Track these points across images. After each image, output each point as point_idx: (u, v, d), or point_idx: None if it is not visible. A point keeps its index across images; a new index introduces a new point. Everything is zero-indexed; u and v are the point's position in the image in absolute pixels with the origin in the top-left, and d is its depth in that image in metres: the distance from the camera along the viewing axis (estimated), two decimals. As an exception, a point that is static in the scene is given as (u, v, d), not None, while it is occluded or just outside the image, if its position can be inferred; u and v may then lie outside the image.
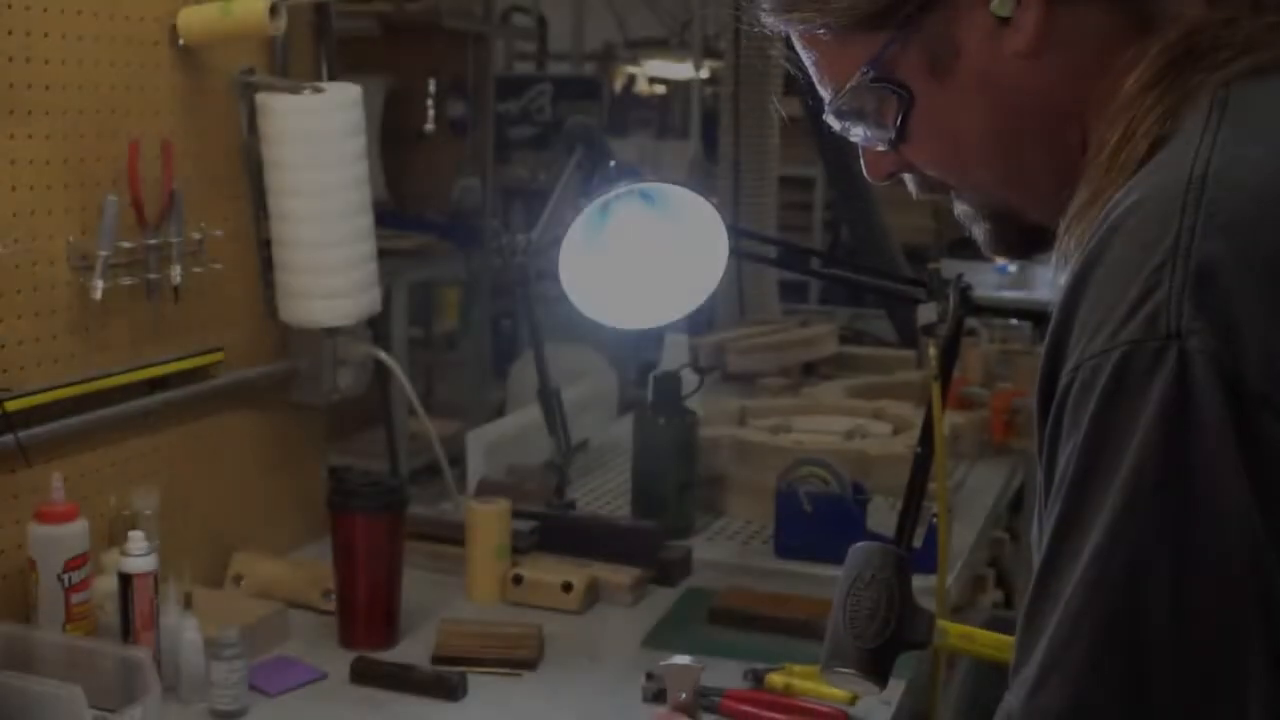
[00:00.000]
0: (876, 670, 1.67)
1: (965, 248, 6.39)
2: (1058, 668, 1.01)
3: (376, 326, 2.74)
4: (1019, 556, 4.81)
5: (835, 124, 1.33)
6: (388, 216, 2.52)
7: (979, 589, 4.09)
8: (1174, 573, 0.97)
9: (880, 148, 1.32)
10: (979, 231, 1.33)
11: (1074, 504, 1.02)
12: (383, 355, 2.69)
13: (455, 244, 6.63)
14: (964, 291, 2.41)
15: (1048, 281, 7.19)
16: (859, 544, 1.73)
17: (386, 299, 2.55)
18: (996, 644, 1.72)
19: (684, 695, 1.64)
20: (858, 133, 1.32)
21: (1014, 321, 5.21)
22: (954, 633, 1.70)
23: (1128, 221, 1.04)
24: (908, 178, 1.35)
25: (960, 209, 1.33)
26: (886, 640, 1.66)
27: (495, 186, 7.28)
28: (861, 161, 1.36)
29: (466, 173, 6.82)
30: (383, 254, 2.58)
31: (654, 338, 7.04)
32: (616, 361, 4.96)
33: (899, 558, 1.71)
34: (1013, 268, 8.26)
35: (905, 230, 5.60)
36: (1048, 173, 1.22)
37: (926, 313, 2.41)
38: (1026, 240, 1.31)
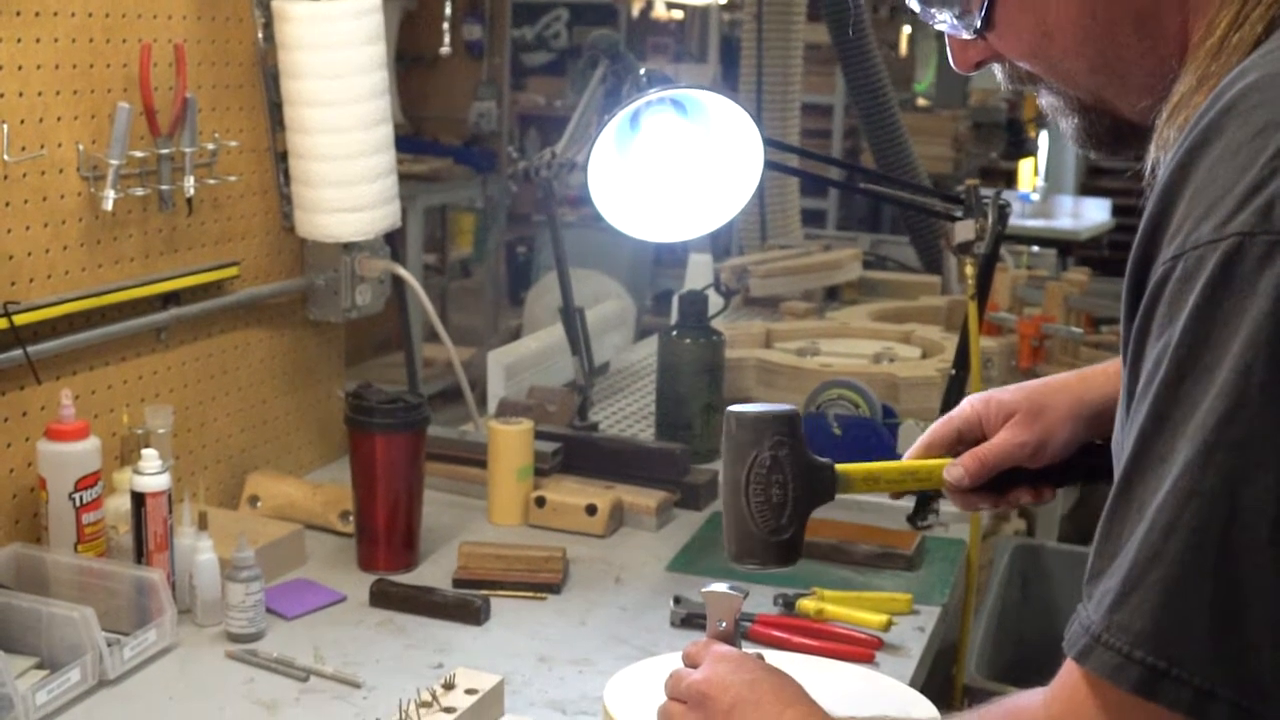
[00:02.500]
0: (793, 554, 1.56)
1: (984, 176, 6.37)
2: (1142, 584, 0.94)
3: (394, 246, 2.67)
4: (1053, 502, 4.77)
5: (918, 9, 1.25)
6: (403, 140, 2.45)
7: (1001, 518, 4.04)
8: (1278, 485, 0.90)
9: (966, 36, 1.24)
10: (1066, 125, 1.26)
11: (1166, 405, 0.95)
12: (401, 271, 2.62)
13: (471, 168, 6.58)
14: (1002, 209, 2.35)
15: (1068, 211, 7.13)
16: (737, 411, 1.55)
17: (401, 224, 2.47)
18: (899, 477, 1.62)
19: (723, 624, 1.56)
20: (943, 19, 1.25)
21: (1035, 248, 5.16)
22: (858, 480, 1.59)
23: (1242, 104, 0.96)
24: (996, 68, 1.27)
25: (1047, 101, 1.26)
26: (797, 520, 1.54)
27: (511, 113, 7.22)
28: (948, 51, 1.28)
29: (483, 96, 6.75)
30: (398, 178, 2.50)
31: (671, 264, 6.99)
32: (632, 290, 4.91)
33: (790, 419, 1.55)
34: (1035, 196, 8.20)
35: (926, 160, 5.52)
36: (1143, 61, 1.14)
37: (964, 231, 2.34)
38: (1117, 134, 1.23)
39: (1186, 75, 1.07)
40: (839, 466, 1.58)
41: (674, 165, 2.13)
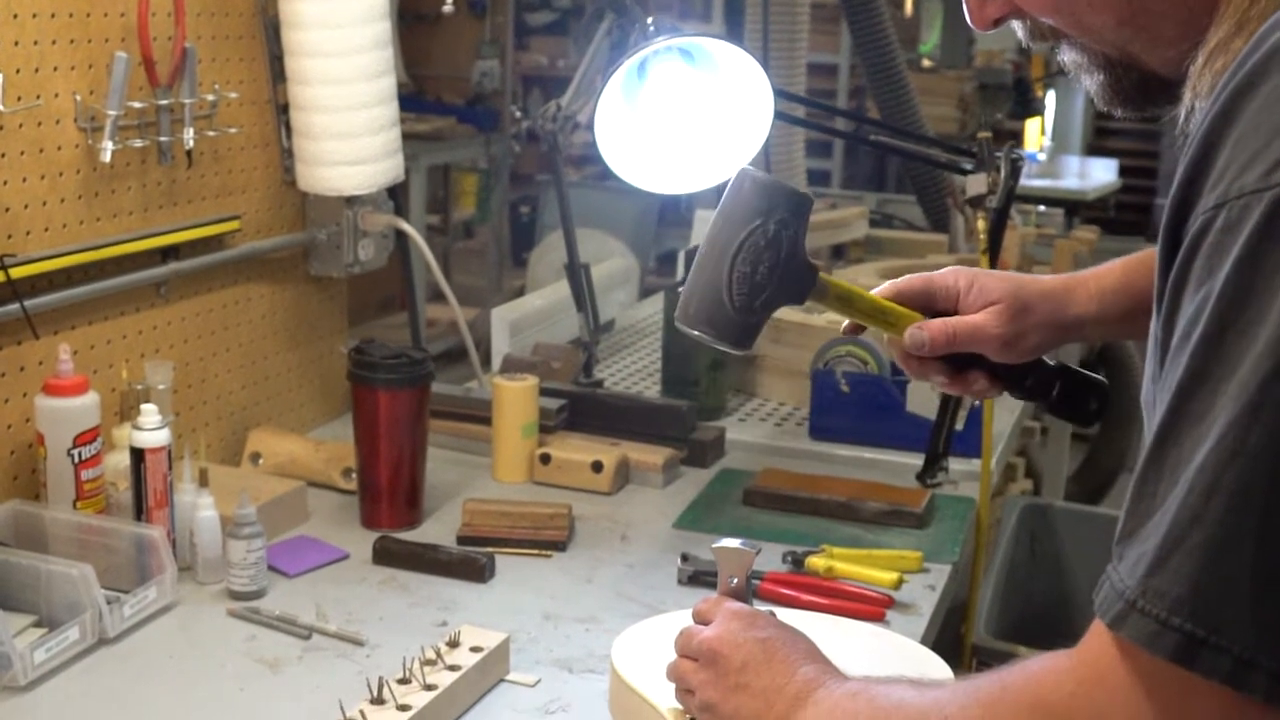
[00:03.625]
0: (748, 340, 1.49)
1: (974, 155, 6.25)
2: (1180, 548, 0.91)
3: (397, 205, 2.63)
4: (1046, 449, 4.75)
5: None
6: (405, 99, 2.41)
7: (1009, 478, 4.02)
8: None
9: None
10: (1091, 83, 1.21)
11: (1205, 361, 0.91)
12: (405, 225, 2.59)
13: (474, 127, 6.54)
14: (1014, 163, 2.31)
15: (1075, 171, 7.09)
16: (754, 173, 1.48)
17: (404, 183, 2.44)
18: (870, 311, 1.57)
19: (734, 580, 1.53)
20: None
21: (1041, 208, 5.13)
22: (833, 295, 1.53)
23: None
24: (1016, 25, 1.23)
25: (1070, 58, 1.21)
26: (767, 308, 1.47)
27: (514, 73, 7.17)
28: (965, 8, 1.23)
29: (485, 55, 6.70)
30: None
31: (675, 224, 6.95)
32: (636, 250, 4.87)
33: (804, 201, 1.47)
34: (1042, 156, 8.15)
35: (931, 121, 5.48)
36: (1173, 12, 1.10)
37: (975, 184, 2.31)
38: (1144, 89, 1.18)
39: (1223, 20, 1.03)
40: (822, 274, 1.52)
41: (682, 115, 2.09)
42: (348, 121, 2.31)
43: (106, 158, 2.05)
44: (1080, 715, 1.00)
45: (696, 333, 1.50)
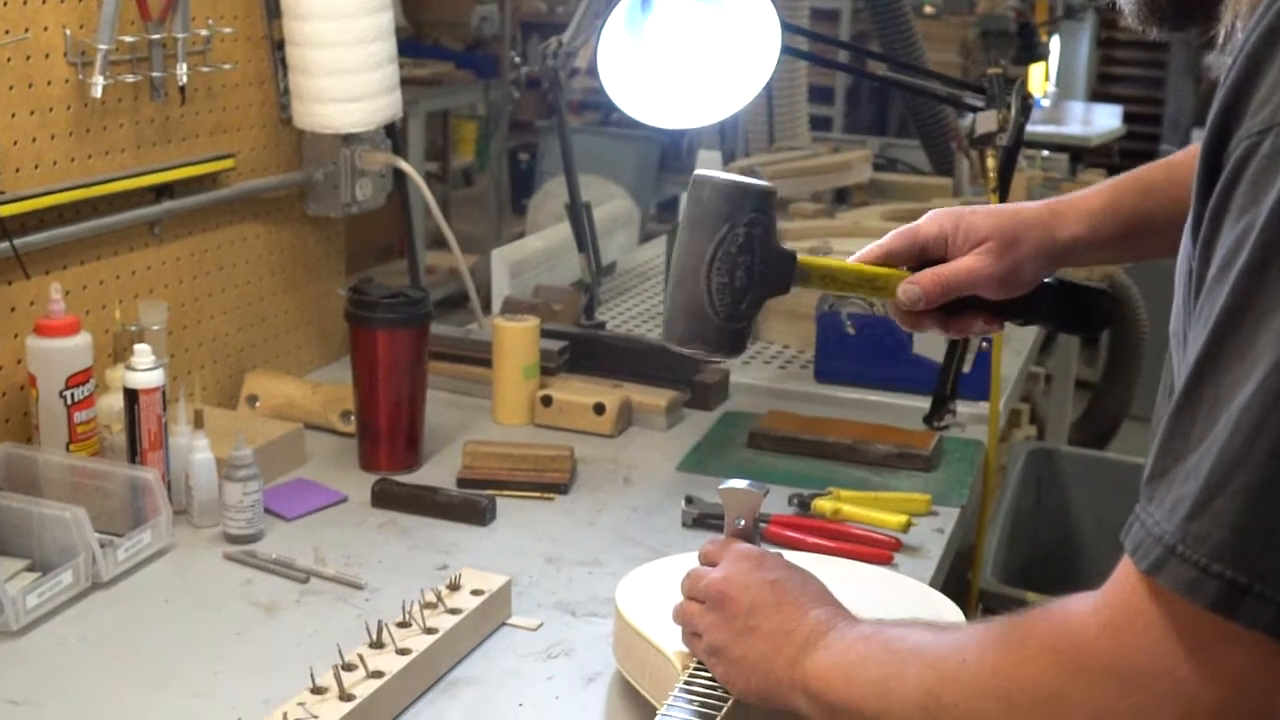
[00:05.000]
0: (741, 344, 1.46)
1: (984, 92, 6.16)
2: (1223, 491, 0.86)
3: (395, 143, 2.58)
4: (1050, 395, 4.72)
5: None
6: (404, 44, 2.37)
7: (1013, 423, 4.00)
8: None
9: None
10: (1125, 1, 1.16)
11: (1247, 294, 0.86)
12: (403, 164, 2.54)
13: (473, 73, 6.48)
14: (1025, 101, 2.27)
15: (1079, 117, 7.02)
16: (711, 176, 1.43)
17: (402, 129, 2.39)
18: (855, 281, 1.55)
19: (742, 522, 1.49)
20: None
21: (1046, 153, 5.07)
22: (815, 275, 1.51)
23: None
24: None
25: None
26: (753, 308, 1.44)
27: (514, 18, 7.11)
28: None
29: (485, 0, 6.63)
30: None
31: (676, 170, 6.91)
32: (636, 196, 4.82)
33: (768, 195, 1.43)
34: (1046, 102, 8.09)
35: (934, 67, 5.41)
36: None
37: (985, 122, 2.26)
38: (1181, 7, 1.13)
39: None
40: (800, 258, 1.49)
41: (687, 48, 2.04)
42: (345, 57, 2.26)
43: (98, 93, 2.00)
44: (1106, 661, 0.96)
45: (688, 351, 1.46)
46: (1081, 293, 1.63)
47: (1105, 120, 8.14)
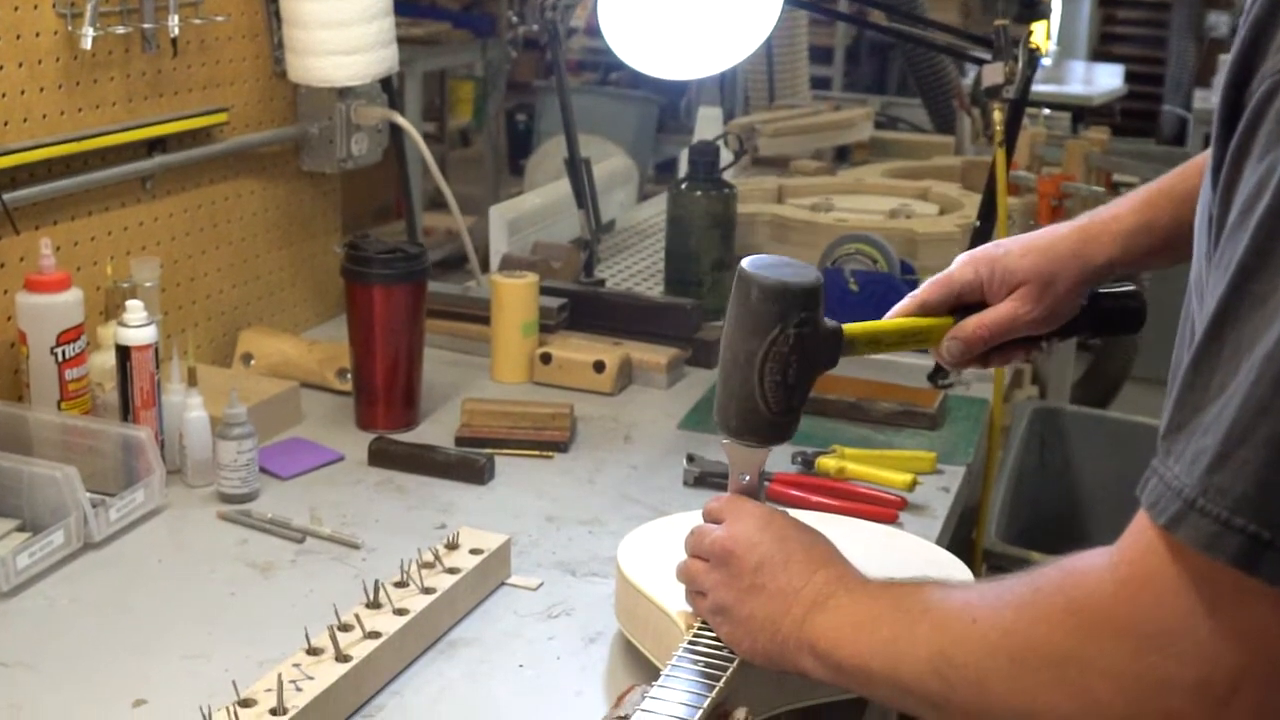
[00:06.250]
0: (792, 431, 1.43)
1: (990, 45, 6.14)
2: (1246, 442, 0.83)
3: (391, 98, 2.54)
4: (1051, 355, 4.69)
5: None
6: (400, 3, 2.32)
7: (1015, 383, 3.96)
8: None
9: None
10: None
11: (1272, 236, 0.83)
12: (399, 118, 2.50)
13: (470, 32, 6.43)
14: (1032, 53, 2.23)
15: (1080, 76, 6.98)
16: (759, 278, 1.36)
17: (399, 89, 2.35)
18: (901, 339, 1.52)
19: (746, 478, 1.46)
20: None
21: (1047, 111, 5.03)
22: (861, 342, 1.47)
23: None
24: None
25: None
26: (804, 395, 1.41)
27: (511, -26, 7.06)
28: None
29: (482, -45, 6.58)
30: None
31: (675, 131, 6.86)
32: (635, 157, 4.79)
33: (816, 292, 1.38)
34: (1047, 61, 8.04)
35: (934, 25, 5.37)
36: None
37: (992, 74, 2.23)
38: None
39: None
40: (846, 330, 1.45)
41: (688, -1, 2.01)
42: (340, 9, 2.23)
43: (87, 44, 1.97)
44: (1122, 621, 0.93)
45: (743, 444, 1.43)
46: (1116, 298, 1.59)
47: (1107, 80, 8.09)
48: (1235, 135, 0.88)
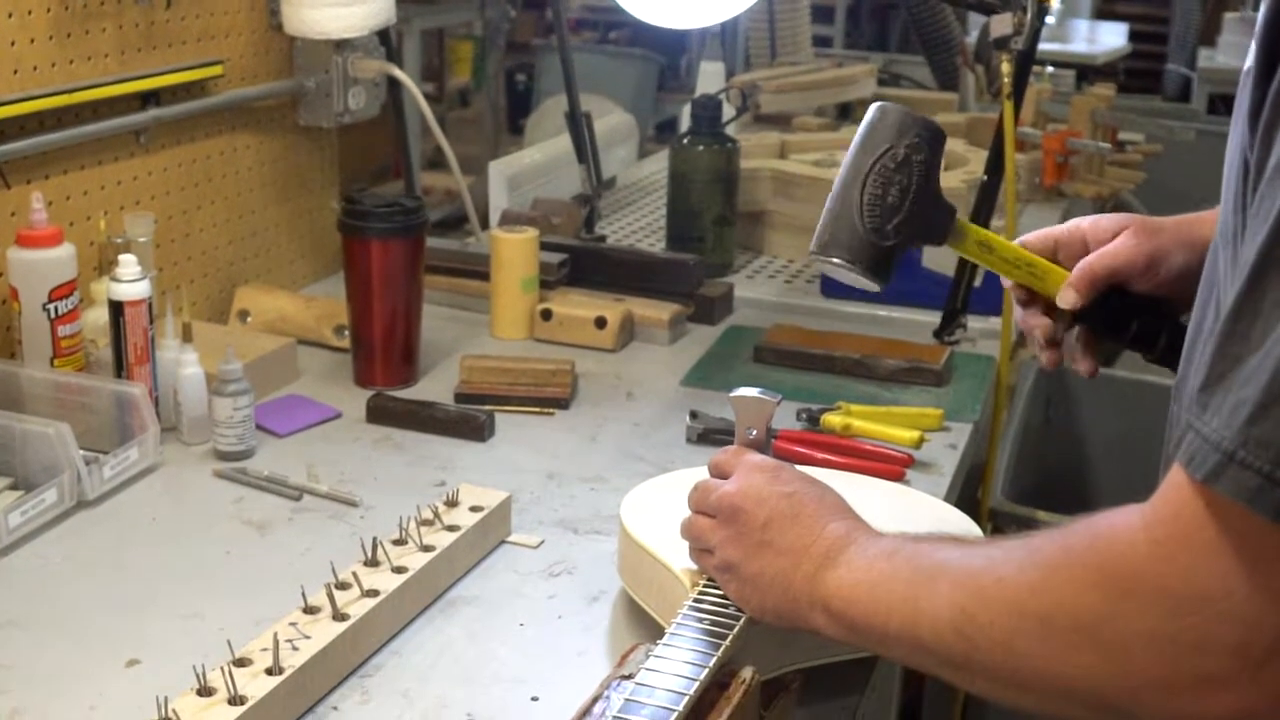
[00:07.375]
0: (884, 270, 1.40)
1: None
2: None
3: (389, 52, 2.50)
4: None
5: None
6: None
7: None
8: None
9: None
10: None
11: None
12: (397, 71, 2.46)
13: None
14: (1041, 4, 2.19)
15: (1084, 35, 6.92)
16: (887, 105, 1.42)
17: (397, 48, 2.31)
18: (1015, 260, 1.45)
19: (754, 432, 1.43)
20: None
21: (1051, 69, 5.00)
22: (972, 240, 1.44)
23: None
24: None
25: None
26: (901, 237, 1.39)
27: (509, -70, 7.00)
28: None
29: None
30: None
31: (675, 90, 6.81)
32: (635, 116, 4.75)
33: (936, 132, 1.40)
34: (1051, 19, 7.98)
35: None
36: None
37: (1000, 25, 2.19)
38: None
39: None
40: (961, 219, 1.43)
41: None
42: (335, -42, 2.19)
43: (78, -6, 1.93)
44: (1157, 581, 0.89)
45: (835, 260, 1.40)
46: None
47: (1110, 38, 8.03)
48: (1277, 77, 0.85)
